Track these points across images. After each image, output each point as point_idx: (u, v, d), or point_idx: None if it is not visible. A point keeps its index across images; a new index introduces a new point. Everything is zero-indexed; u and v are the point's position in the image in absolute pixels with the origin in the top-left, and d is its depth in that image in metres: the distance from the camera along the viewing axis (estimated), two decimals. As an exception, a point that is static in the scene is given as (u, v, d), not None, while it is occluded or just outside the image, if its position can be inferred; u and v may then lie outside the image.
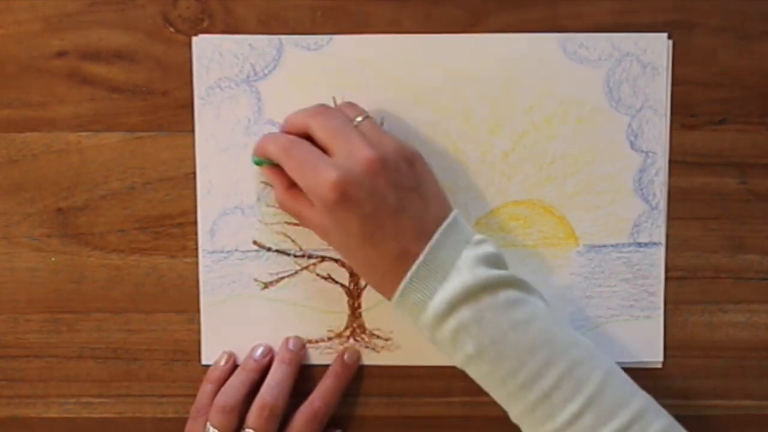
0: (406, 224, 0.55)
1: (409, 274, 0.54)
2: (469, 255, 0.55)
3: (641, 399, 0.55)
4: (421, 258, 0.54)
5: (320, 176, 0.54)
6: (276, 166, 0.59)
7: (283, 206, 0.61)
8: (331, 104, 0.61)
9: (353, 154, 0.55)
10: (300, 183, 0.56)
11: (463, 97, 0.62)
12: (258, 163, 0.61)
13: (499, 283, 0.54)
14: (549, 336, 0.54)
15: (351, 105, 0.60)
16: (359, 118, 0.58)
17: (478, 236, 0.56)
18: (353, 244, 0.56)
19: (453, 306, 0.54)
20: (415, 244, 0.55)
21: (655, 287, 0.63)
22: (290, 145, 0.57)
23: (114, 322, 0.64)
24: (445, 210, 0.57)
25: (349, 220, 0.55)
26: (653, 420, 0.54)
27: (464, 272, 0.54)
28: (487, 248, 0.56)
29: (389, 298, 0.56)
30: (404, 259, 0.55)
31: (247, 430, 0.59)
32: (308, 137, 0.58)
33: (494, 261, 0.55)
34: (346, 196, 0.54)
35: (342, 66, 0.62)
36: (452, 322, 0.54)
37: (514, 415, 0.55)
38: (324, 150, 0.56)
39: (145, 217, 0.63)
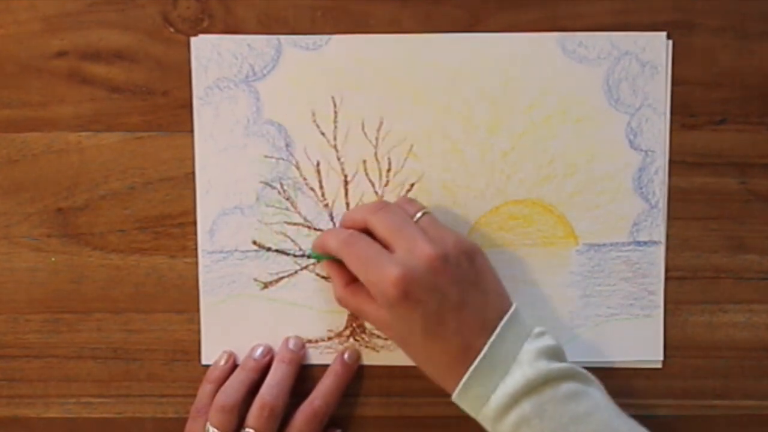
0: (468, 320, 0.55)
1: (471, 369, 0.55)
2: (530, 348, 0.55)
3: None
4: (483, 353, 0.55)
5: (383, 273, 0.55)
6: (335, 261, 0.60)
7: (342, 301, 0.61)
8: (331, 105, 0.62)
9: (414, 251, 0.55)
10: (362, 278, 0.57)
11: (463, 97, 0.62)
12: (317, 258, 0.61)
13: (559, 375, 0.54)
14: (609, 429, 0.54)
15: (410, 201, 0.61)
16: (419, 214, 0.59)
17: (537, 329, 0.57)
18: (415, 339, 0.56)
19: (515, 399, 0.54)
20: (478, 339, 0.55)
21: (654, 286, 0.63)
22: (352, 240, 0.58)
23: (114, 322, 0.64)
24: (505, 303, 0.57)
25: (412, 317, 0.55)
26: None
27: (525, 366, 0.54)
28: (547, 341, 0.56)
29: (450, 392, 0.56)
30: (467, 354, 0.55)
31: (247, 429, 0.59)
32: (368, 233, 0.58)
33: (554, 353, 0.56)
34: (408, 293, 0.54)
35: (341, 66, 0.62)
36: (514, 416, 0.54)
37: None
38: (384, 246, 0.57)
39: (145, 217, 0.63)
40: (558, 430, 0.53)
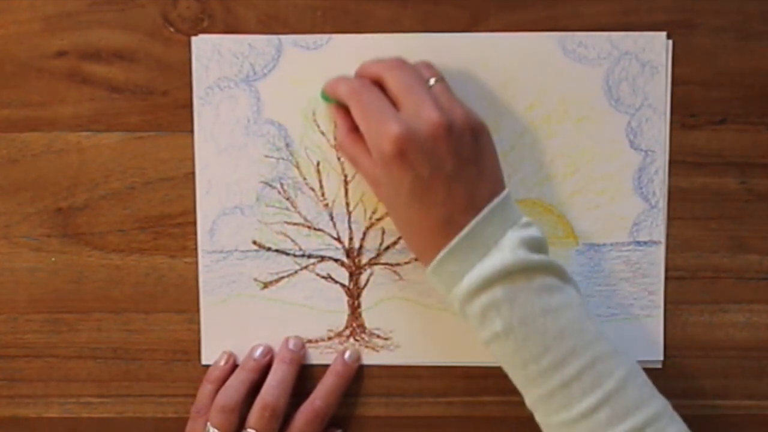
0: (457, 194, 0.55)
1: (451, 244, 0.54)
2: (513, 236, 0.55)
3: (659, 402, 0.54)
4: (466, 230, 0.54)
5: (384, 127, 0.54)
6: (343, 108, 0.59)
7: (341, 147, 0.61)
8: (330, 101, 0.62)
9: (421, 113, 0.55)
10: (362, 128, 0.56)
11: (463, 97, 0.62)
12: (325, 100, 0.61)
13: (537, 267, 0.54)
14: (577, 326, 0.54)
15: (428, 65, 0.60)
16: (433, 80, 0.58)
17: (525, 219, 0.56)
18: (401, 201, 0.56)
19: (489, 282, 0.53)
20: (463, 215, 0.55)
21: (654, 286, 0.63)
22: (362, 89, 0.57)
23: (114, 322, 0.64)
24: (498, 187, 0.56)
25: (403, 178, 0.54)
26: (668, 425, 0.53)
27: (506, 252, 0.54)
28: (532, 232, 0.55)
29: (425, 264, 0.56)
30: (449, 228, 0.55)
31: (248, 430, 0.59)
32: (381, 87, 0.57)
33: (537, 245, 0.55)
34: (404, 153, 0.54)
35: (341, 66, 0.62)
36: (484, 298, 0.54)
37: (530, 401, 0.55)
38: (393, 103, 0.56)
39: (145, 217, 0.63)
40: (526, 319, 0.53)
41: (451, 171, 0.54)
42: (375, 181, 0.58)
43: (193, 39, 0.62)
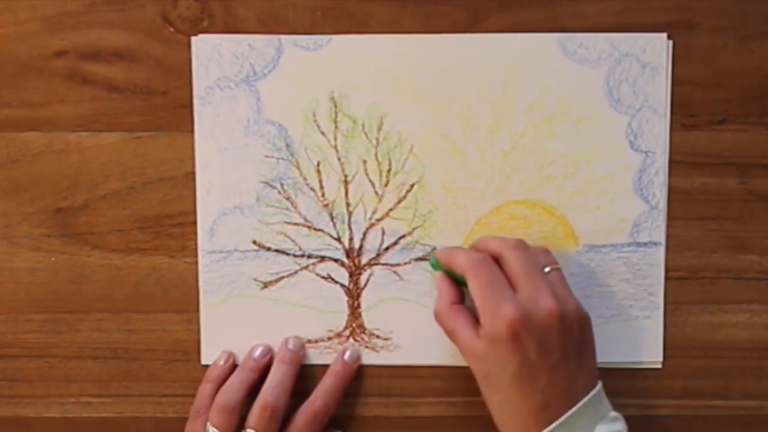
0: (559, 383, 0.56)
1: None
2: (603, 429, 0.56)
3: None
4: (561, 420, 0.55)
5: (502, 307, 0.55)
6: (448, 277, 0.60)
7: (440, 316, 0.60)
8: (331, 105, 0.62)
9: (538, 300, 0.56)
10: (478, 303, 0.57)
11: (463, 97, 0.62)
12: (434, 267, 0.61)
13: None
14: None
15: (545, 251, 0.61)
16: (548, 268, 0.59)
17: (613, 413, 0.57)
18: (502, 381, 0.56)
19: None
20: (560, 405, 0.55)
21: (654, 287, 0.63)
22: (484, 264, 0.58)
23: (114, 322, 0.64)
24: (593, 380, 0.58)
25: (510, 359, 0.55)
26: None
27: None
28: (618, 426, 0.56)
29: None
30: (545, 415, 0.55)
31: (248, 430, 0.60)
32: (498, 264, 0.58)
33: None
34: (517, 336, 0.55)
35: (342, 66, 0.62)
36: None
37: None
38: (509, 282, 0.57)
39: (144, 217, 0.63)
40: None
41: (557, 360, 0.56)
42: (476, 356, 0.58)
43: (193, 39, 0.62)
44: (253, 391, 0.61)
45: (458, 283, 0.60)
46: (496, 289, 0.56)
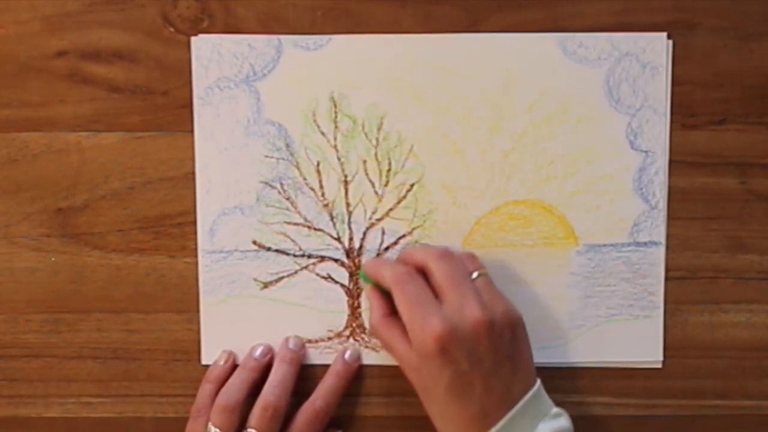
0: (494, 389, 0.56)
1: None
2: (544, 428, 0.56)
3: None
4: (501, 424, 0.55)
5: (428, 322, 0.55)
6: (379, 290, 0.60)
7: (375, 330, 0.60)
8: (331, 105, 0.62)
9: (464, 310, 0.56)
10: (405, 319, 0.57)
11: (463, 97, 0.62)
12: (364, 280, 0.62)
13: None
14: None
15: (471, 257, 0.61)
16: (476, 274, 0.59)
17: (555, 410, 0.57)
18: (437, 393, 0.56)
19: None
20: (498, 409, 0.56)
21: (654, 287, 0.63)
22: (407, 279, 0.58)
23: (114, 322, 0.64)
24: (530, 379, 0.58)
25: (442, 372, 0.55)
26: None
27: None
28: (562, 422, 0.57)
29: None
30: (483, 422, 0.55)
31: (249, 430, 0.60)
32: (423, 274, 0.58)
33: None
34: (446, 350, 0.55)
35: (341, 66, 0.62)
36: None
37: None
38: (436, 293, 0.57)
39: (144, 217, 0.63)
40: None
41: (490, 367, 0.56)
42: (410, 367, 0.58)
43: (193, 39, 0.62)
44: (253, 391, 0.61)
45: (389, 294, 0.59)
46: (421, 304, 0.56)
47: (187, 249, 0.63)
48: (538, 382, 0.58)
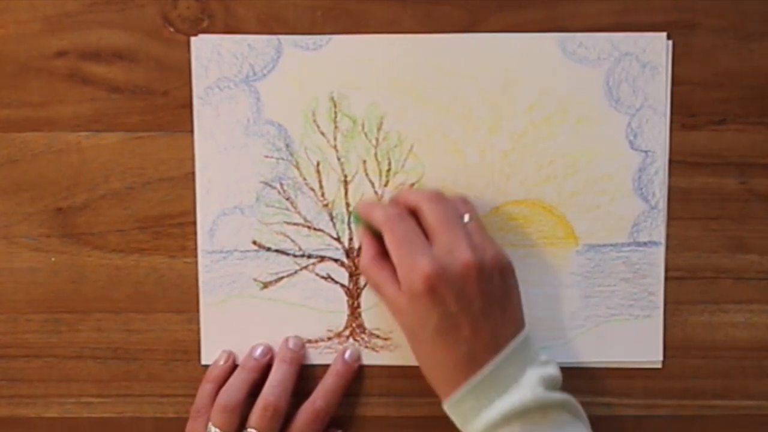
0: (482, 332, 0.55)
1: (472, 382, 0.55)
2: (533, 374, 0.55)
3: None
4: (488, 367, 0.55)
5: (417, 262, 0.55)
6: (370, 231, 0.60)
7: (365, 271, 0.60)
8: (331, 105, 0.62)
9: (454, 252, 0.55)
10: (394, 259, 0.57)
11: (463, 97, 0.62)
12: (356, 221, 0.62)
13: (554, 404, 0.55)
14: None
15: (464, 200, 0.61)
16: (467, 217, 0.59)
17: (543, 357, 0.57)
18: (425, 336, 0.56)
19: (507, 419, 0.54)
20: (486, 353, 0.55)
21: (654, 287, 0.63)
22: (398, 219, 0.57)
23: (114, 322, 0.64)
24: (519, 326, 0.58)
25: (429, 313, 0.55)
26: None
27: (525, 389, 0.55)
28: (550, 370, 0.56)
29: (443, 397, 0.57)
30: (471, 365, 0.55)
31: (249, 430, 0.60)
32: (416, 217, 0.58)
33: (554, 383, 0.56)
34: (434, 290, 0.55)
35: (341, 66, 0.62)
36: None
37: None
38: (427, 235, 0.57)
39: (144, 217, 0.63)
40: None
41: (478, 310, 0.55)
42: (398, 309, 0.58)
43: (193, 39, 0.62)
44: (253, 391, 0.61)
45: (381, 236, 0.59)
46: (411, 244, 0.56)
47: (187, 249, 0.63)
48: (526, 329, 0.57)
